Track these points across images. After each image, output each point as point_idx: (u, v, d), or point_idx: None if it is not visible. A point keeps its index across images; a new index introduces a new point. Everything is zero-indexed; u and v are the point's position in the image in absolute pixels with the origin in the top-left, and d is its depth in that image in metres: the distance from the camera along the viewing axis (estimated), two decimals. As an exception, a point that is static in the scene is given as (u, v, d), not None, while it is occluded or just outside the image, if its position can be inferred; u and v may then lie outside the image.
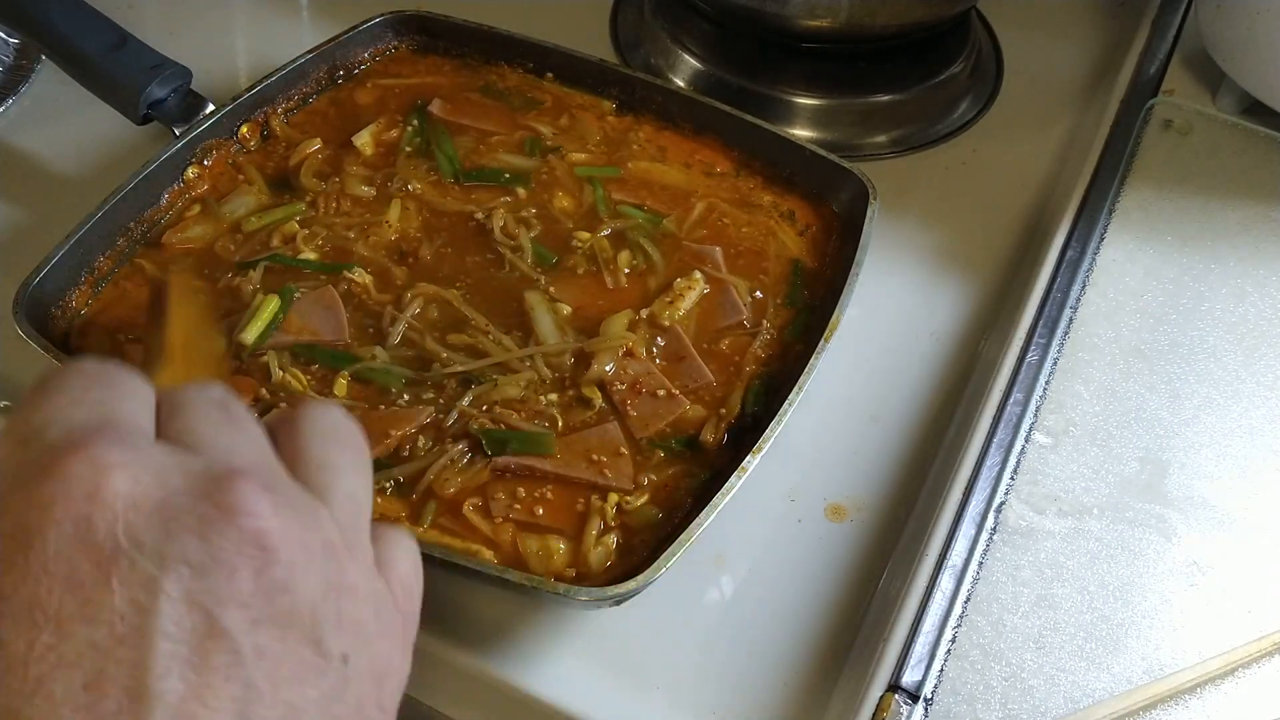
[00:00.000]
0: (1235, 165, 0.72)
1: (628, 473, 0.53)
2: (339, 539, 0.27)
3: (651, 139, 0.69)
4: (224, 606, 0.24)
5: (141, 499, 0.24)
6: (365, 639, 0.27)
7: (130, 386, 0.27)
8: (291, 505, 0.26)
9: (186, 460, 0.26)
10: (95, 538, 0.23)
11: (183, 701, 0.23)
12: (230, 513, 0.24)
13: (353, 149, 0.66)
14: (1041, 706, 0.47)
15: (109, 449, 0.24)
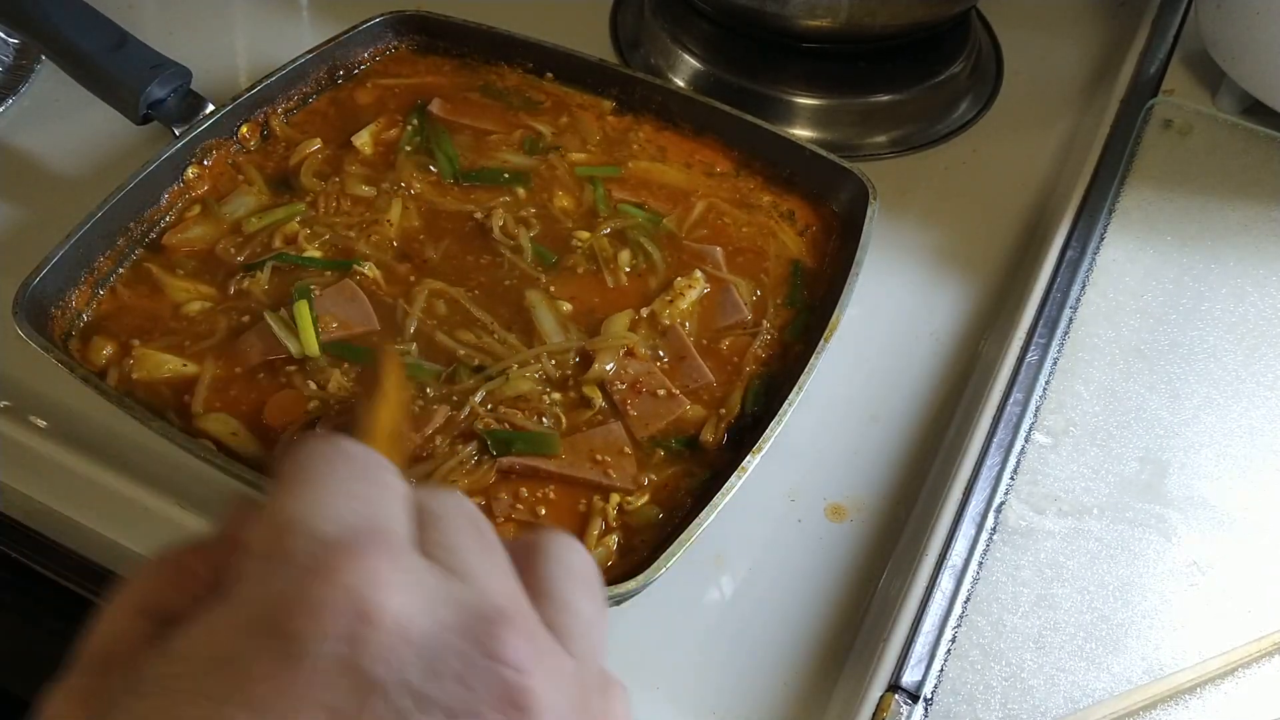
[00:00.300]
0: (1235, 165, 0.72)
1: (631, 472, 0.53)
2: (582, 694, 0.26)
3: (651, 139, 0.69)
4: None
5: (411, 628, 0.23)
6: None
7: (394, 485, 0.26)
8: (550, 658, 0.25)
9: (454, 590, 0.24)
10: (363, 665, 0.22)
11: None
12: (497, 662, 0.23)
13: (353, 149, 0.66)
14: (1041, 706, 0.47)
15: (382, 561, 0.23)
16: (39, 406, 0.57)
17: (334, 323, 0.57)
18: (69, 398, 0.56)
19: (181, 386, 0.55)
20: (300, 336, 0.56)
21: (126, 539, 0.52)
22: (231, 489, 0.51)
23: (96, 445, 0.54)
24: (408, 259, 0.61)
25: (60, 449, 0.54)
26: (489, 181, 0.65)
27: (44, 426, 0.56)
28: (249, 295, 0.58)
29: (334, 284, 0.59)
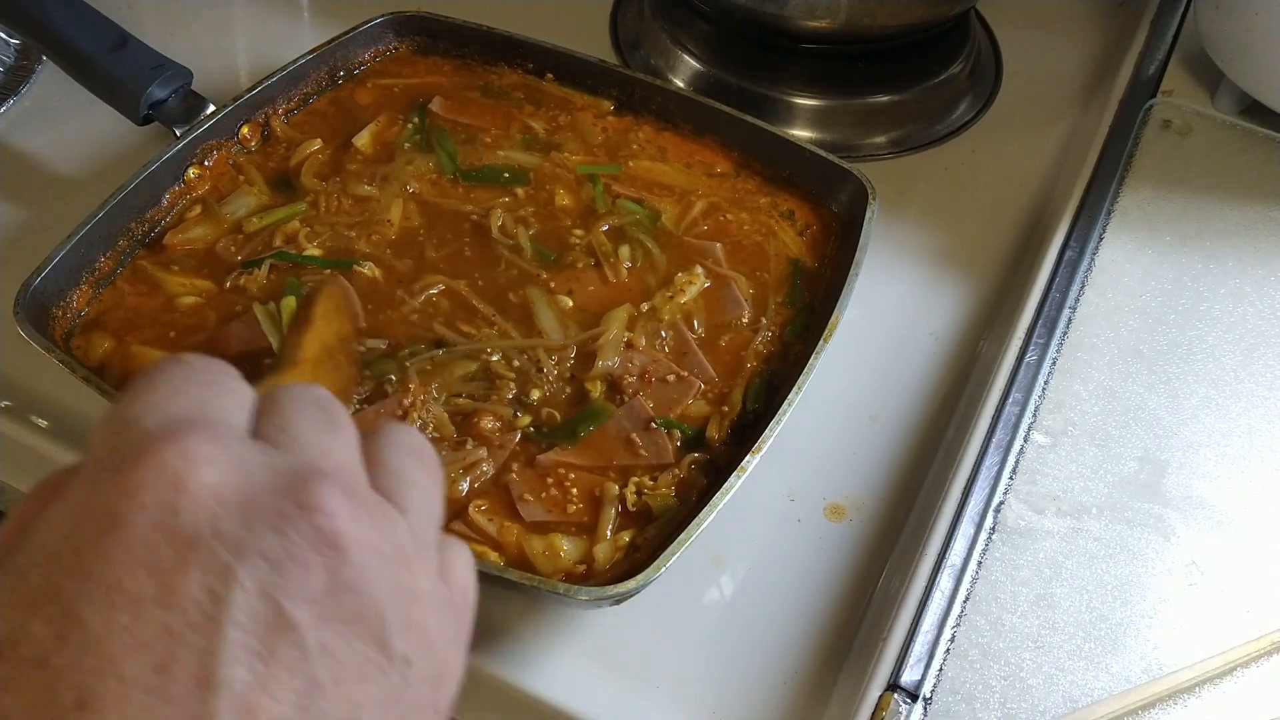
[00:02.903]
0: (1234, 165, 0.72)
1: (664, 445, 0.53)
2: (411, 547, 0.28)
3: (652, 139, 0.69)
4: (295, 602, 0.25)
5: (226, 491, 0.25)
6: (428, 643, 0.28)
7: (230, 385, 0.28)
8: (369, 511, 0.27)
9: (274, 458, 0.27)
10: (178, 525, 0.24)
11: (248, 690, 0.23)
12: (309, 511, 0.25)
13: (353, 149, 0.67)
14: (1040, 706, 0.47)
15: (200, 442, 0.25)
16: (40, 406, 0.57)
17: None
18: (70, 397, 0.56)
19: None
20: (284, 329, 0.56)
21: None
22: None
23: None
24: (408, 258, 0.61)
25: (61, 449, 0.54)
26: (489, 181, 0.65)
27: (45, 426, 0.56)
28: (244, 291, 0.58)
29: (331, 280, 0.59)
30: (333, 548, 0.25)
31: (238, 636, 0.24)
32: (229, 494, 0.25)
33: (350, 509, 0.26)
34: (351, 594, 0.25)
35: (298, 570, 0.25)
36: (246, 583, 0.24)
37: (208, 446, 0.25)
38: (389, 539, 0.27)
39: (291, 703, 0.24)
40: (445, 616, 0.29)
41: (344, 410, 0.30)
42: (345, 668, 0.25)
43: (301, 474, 0.26)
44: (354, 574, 0.26)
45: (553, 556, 0.50)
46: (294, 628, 0.24)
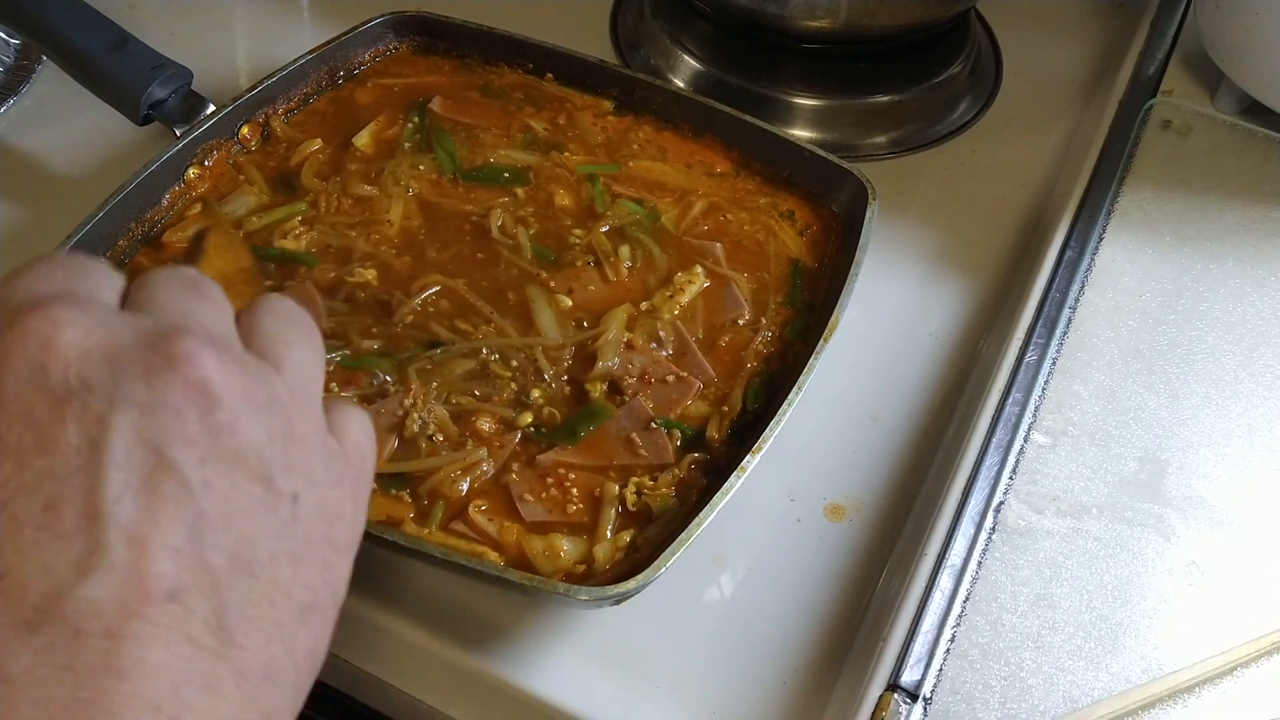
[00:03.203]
0: (1234, 166, 0.72)
1: (664, 445, 0.53)
2: (288, 397, 0.30)
3: (652, 139, 0.69)
4: (171, 443, 0.26)
5: (92, 348, 0.26)
6: (314, 483, 0.29)
7: (100, 271, 0.30)
8: (238, 363, 0.28)
9: (139, 320, 0.28)
10: (49, 381, 0.26)
11: (134, 523, 0.25)
12: (174, 361, 0.27)
13: (353, 149, 0.67)
14: (1040, 706, 0.47)
15: (63, 309, 0.27)
16: (40, 406, 0.57)
17: None
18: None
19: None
20: None
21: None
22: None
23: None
24: (408, 257, 0.61)
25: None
26: (489, 180, 0.65)
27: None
28: None
29: (298, 285, 0.59)
30: (202, 394, 0.27)
31: (119, 476, 0.25)
32: (95, 351, 0.26)
33: (216, 359, 0.27)
34: (228, 435, 0.27)
35: (170, 415, 0.26)
36: (122, 428, 0.26)
37: (71, 312, 0.27)
38: (262, 388, 0.29)
39: (182, 534, 0.25)
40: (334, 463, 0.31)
41: (216, 287, 0.31)
42: (232, 503, 0.27)
43: (165, 331, 0.27)
44: (228, 416, 0.27)
45: (553, 556, 0.50)
46: (174, 466, 0.26)
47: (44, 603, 0.24)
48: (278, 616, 0.27)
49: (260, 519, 0.27)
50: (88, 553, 0.25)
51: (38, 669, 0.24)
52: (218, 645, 0.26)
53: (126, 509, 0.25)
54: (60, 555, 0.25)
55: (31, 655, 0.24)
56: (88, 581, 0.24)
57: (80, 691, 0.24)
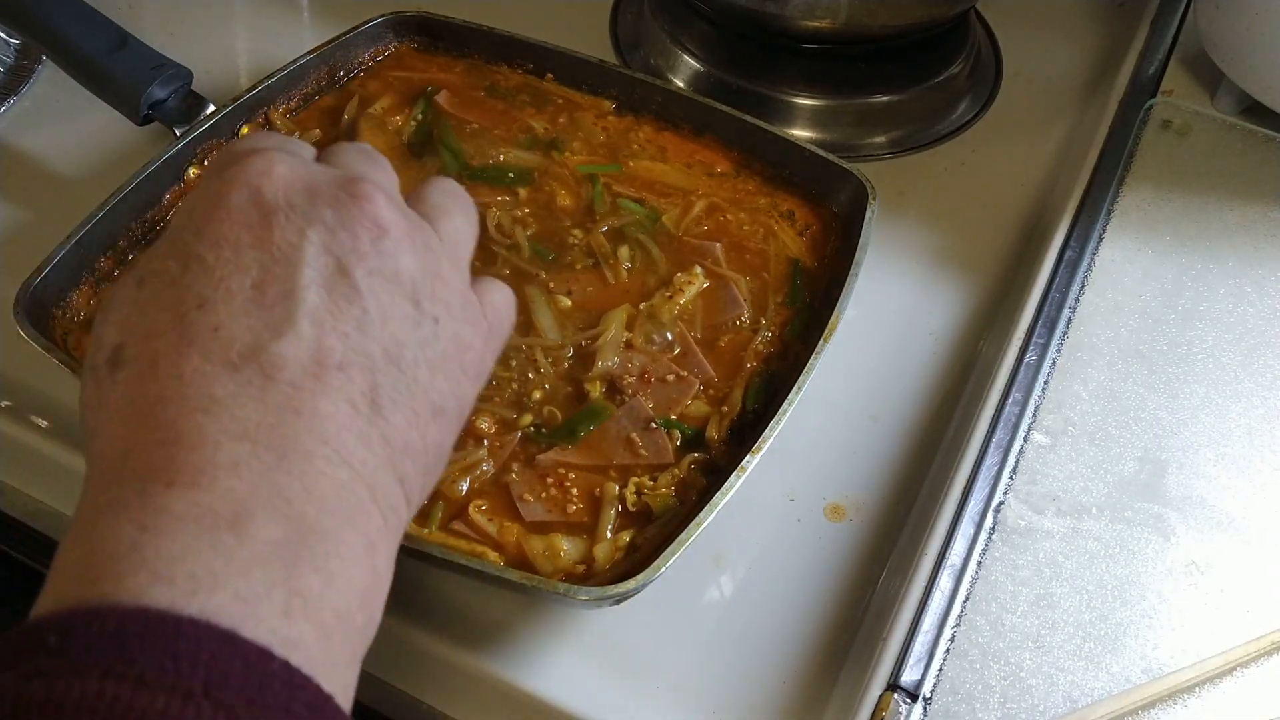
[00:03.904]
0: (1234, 166, 0.72)
1: (664, 445, 0.53)
2: (439, 248, 0.37)
3: (652, 139, 0.69)
4: (348, 256, 0.34)
5: (295, 181, 0.34)
6: (452, 316, 0.36)
7: (298, 140, 0.39)
8: (403, 212, 0.36)
9: (331, 170, 0.36)
10: (263, 199, 0.33)
11: (317, 309, 0.32)
12: (356, 198, 0.34)
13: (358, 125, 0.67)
14: (1040, 706, 0.47)
15: (277, 155, 0.35)
16: (40, 406, 0.57)
17: None
18: (70, 397, 0.55)
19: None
20: None
21: (127, 538, 0.52)
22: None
23: (97, 445, 0.54)
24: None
25: (62, 449, 0.54)
26: (495, 180, 0.65)
27: (45, 426, 0.56)
28: None
29: None
30: (374, 224, 0.34)
31: (310, 272, 0.33)
32: (298, 183, 0.34)
33: (387, 202, 0.35)
34: (390, 258, 0.34)
35: (349, 236, 0.34)
36: (314, 238, 0.33)
37: (282, 154, 0.35)
38: (420, 234, 0.36)
39: (350, 324, 0.33)
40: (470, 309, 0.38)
41: (387, 161, 0.39)
42: (388, 310, 0.34)
43: (351, 178, 0.35)
44: (392, 245, 0.34)
45: (553, 556, 0.50)
46: (348, 273, 0.33)
47: (246, 351, 0.31)
48: (415, 406, 0.34)
49: (408, 329, 0.34)
50: (281, 322, 0.32)
51: (238, 396, 0.31)
52: (370, 413, 0.33)
53: (313, 296, 0.32)
54: (261, 320, 0.32)
55: (234, 386, 0.31)
56: (280, 342, 0.31)
57: (268, 417, 0.31)
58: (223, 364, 0.31)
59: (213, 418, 0.30)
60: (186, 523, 0.28)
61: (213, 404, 0.30)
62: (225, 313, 0.32)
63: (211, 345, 0.31)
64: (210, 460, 0.30)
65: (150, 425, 0.30)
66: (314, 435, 0.31)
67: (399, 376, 0.34)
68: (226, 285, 0.32)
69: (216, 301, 0.32)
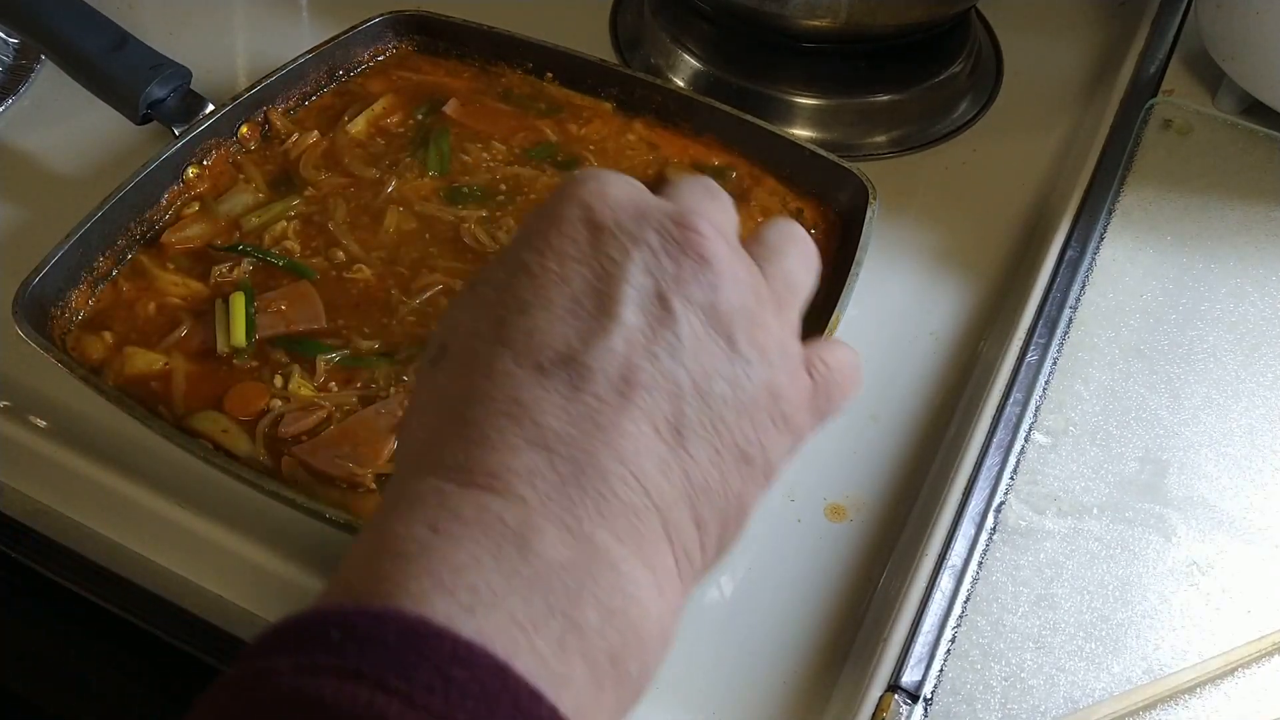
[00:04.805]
0: (1235, 165, 0.72)
1: None
2: (765, 292, 0.35)
3: (643, 137, 0.69)
4: (668, 282, 0.33)
5: (628, 204, 0.34)
6: (767, 361, 0.34)
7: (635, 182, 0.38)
8: (732, 249, 0.35)
9: (666, 202, 0.35)
10: (594, 217, 0.33)
11: (631, 328, 0.32)
12: (684, 228, 0.34)
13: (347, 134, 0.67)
14: (1041, 706, 0.47)
15: (613, 180, 0.35)
16: (39, 406, 0.57)
17: (281, 319, 0.57)
18: (69, 397, 0.56)
19: (153, 379, 0.55)
20: (230, 326, 0.56)
21: (126, 539, 0.52)
22: (230, 488, 0.51)
23: (96, 445, 0.54)
24: (405, 258, 0.61)
25: (60, 449, 0.54)
26: (482, 200, 0.64)
27: (44, 426, 0.56)
28: (221, 288, 0.59)
29: (293, 283, 0.59)
30: (699, 256, 0.33)
31: (629, 291, 0.32)
32: (630, 207, 0.34)
33: (715, 236, 0.34)
34: (709, 291, 0.33)
35: (672, 263, 0.33)
36: (637, 259, 0.33)
37: (617, 182, 0.35)
38: (745, 273, 0.35)
39: (662, 348, 0.32)
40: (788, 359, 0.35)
41: (729, 199, 0.38)
42: (701, 342, 0.33)
43: (683, 210, 0.34)
44: (713, 278, 0.33)
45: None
46: (666, 298, 0.33)
47: (558, 357, 0.31)
48: (719, 446, 0.33)
49: (720, 364, 0.33)
50: (594, 334, 0.32)
51: (542, 402, 0.31)
52: (672, 442, 0.32)
53: (629, 314, 0.32)
54: (575, 330, 0.32)
55: (541, 391, 0.31)
56: (590, 353, 0.31)
57: (569, 428, 0.30)
58: (533, 367, 0.31)
59: (515, 421, 0.30)
60: (475, 529, 0.28)
61: (517, 407, 0.31)
62: (543, 319, 0.32)
63: (524, 347, 0.32)
64: (507, 465, 0.29)
65: (456, 420, 0.31)
66: (613, 453, 0.30)
67: (705, 410, 0.32)
68: (547, 294, 0.32)
69: (536, 307, 0.32)
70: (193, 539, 0.52)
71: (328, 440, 0.53)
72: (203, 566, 0.51)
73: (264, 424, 0.53)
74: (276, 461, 0.52)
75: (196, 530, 0.52)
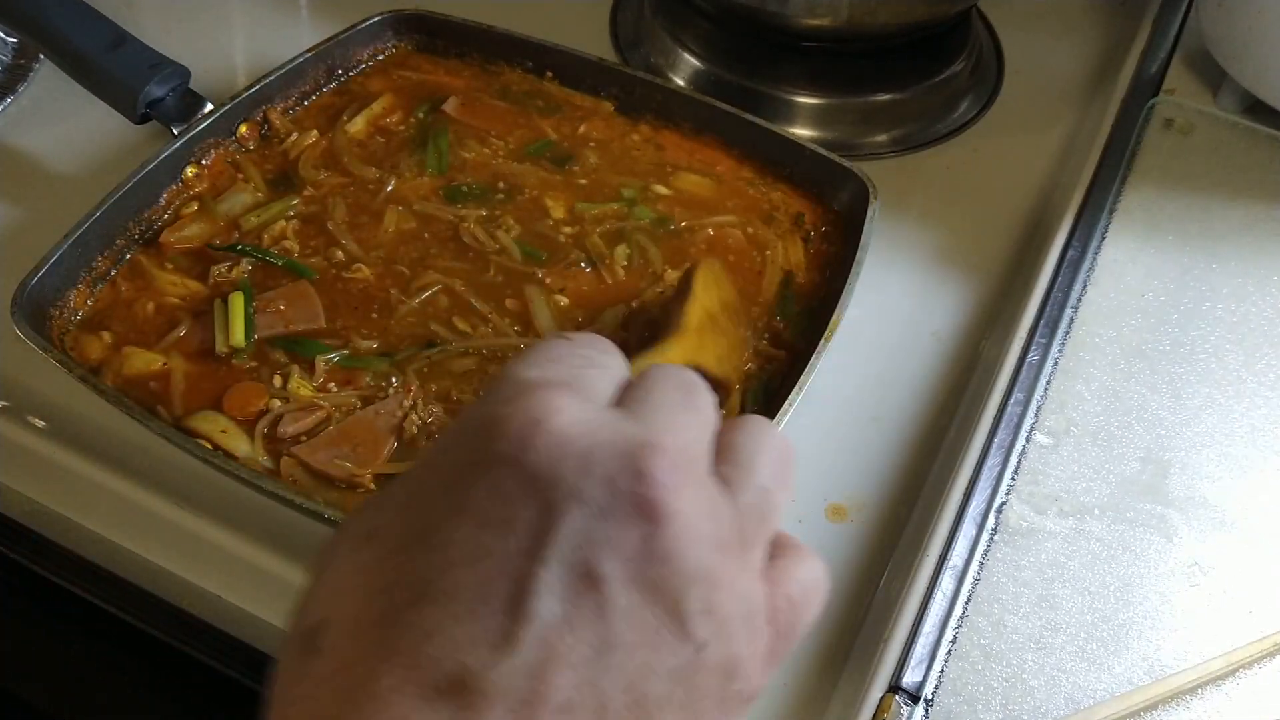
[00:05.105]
0: (1237, 164, 0.72)
1: None
2: (732, 538, 0.29)
3: (649, 138, 0.68)
4: (606, 556, 0.26)
5: (571, 441, 0.27)
6: (726, 635, 0.28)
7: (604, 361, 0.31)
8: (696, 491, 0.28)
9: (622, 424, 0.29)
10: (524, 462, 0.27)
11: (550, 626, 0.26)
12: (638, 477, 0.27)
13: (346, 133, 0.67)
14: (1042, 707, 0.47)
15: (559, 395, 0.28)
16: (37, 406, 0.57)
17: (280, 319, 0.57)
18: (67, 397, 0.56)
19: (152, 379, 0.55)
20: (229, 326, 0.56)
21: (125, 539, 0.52)
22: (229, 488, 0.51)
23: (95, 445, 0.54)
24: (404, 258, 0.61)
25: (59, 449, 0.54)
26: (479, 198, 0.64)
27: (42, 426, 0.56)
28: (220, 288, 0.58)
29: (292, 283, 0.59)
30: (650, 516, 0.27)
31: (552, 572, 0.26)
32: (573, 444, 0.27)
33: (677, 484, 0.27)
34: (659, 564, 0.27)
35: (615, 527, 0.27)
36: (569, 525, 0.26)
37: (566, 400, 0.28)
38: (710, 523, 0.28)
39: (587, 652, 0.26)
40: (754, 617, 0.29)
41: (710, 398, 0.32)
42: (642, 632, 0.27)
43: (641, 441, 0.28)
44: (665, 545, 0.27)
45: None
46: (601, 580, 0.26)
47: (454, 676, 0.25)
48: None
49: (663, 656, 0.27)
50: (502, 644, 0.25)
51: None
52: None
53: (548, 608, 0.26)
54: (481, 631, 0.26)
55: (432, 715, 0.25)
56: (492, 672, 0.25)
57: None
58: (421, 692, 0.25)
59: None
60: None
61: None
62: (443, 615, 0.26)
63: (413, 660, 0.26)
64: None
65: None
66: None
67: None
68: (453, 576, 0.26)
69: (436, 597, 0.26)
70: (192, 539, 0.51)
71: (327, 440, 0.53)
72: (201, 567, 0.51)
73: (263, 424, 0.53)
74: (275, 462, 0.52)
75: (195, 531, 0.52)
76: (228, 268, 0.59)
